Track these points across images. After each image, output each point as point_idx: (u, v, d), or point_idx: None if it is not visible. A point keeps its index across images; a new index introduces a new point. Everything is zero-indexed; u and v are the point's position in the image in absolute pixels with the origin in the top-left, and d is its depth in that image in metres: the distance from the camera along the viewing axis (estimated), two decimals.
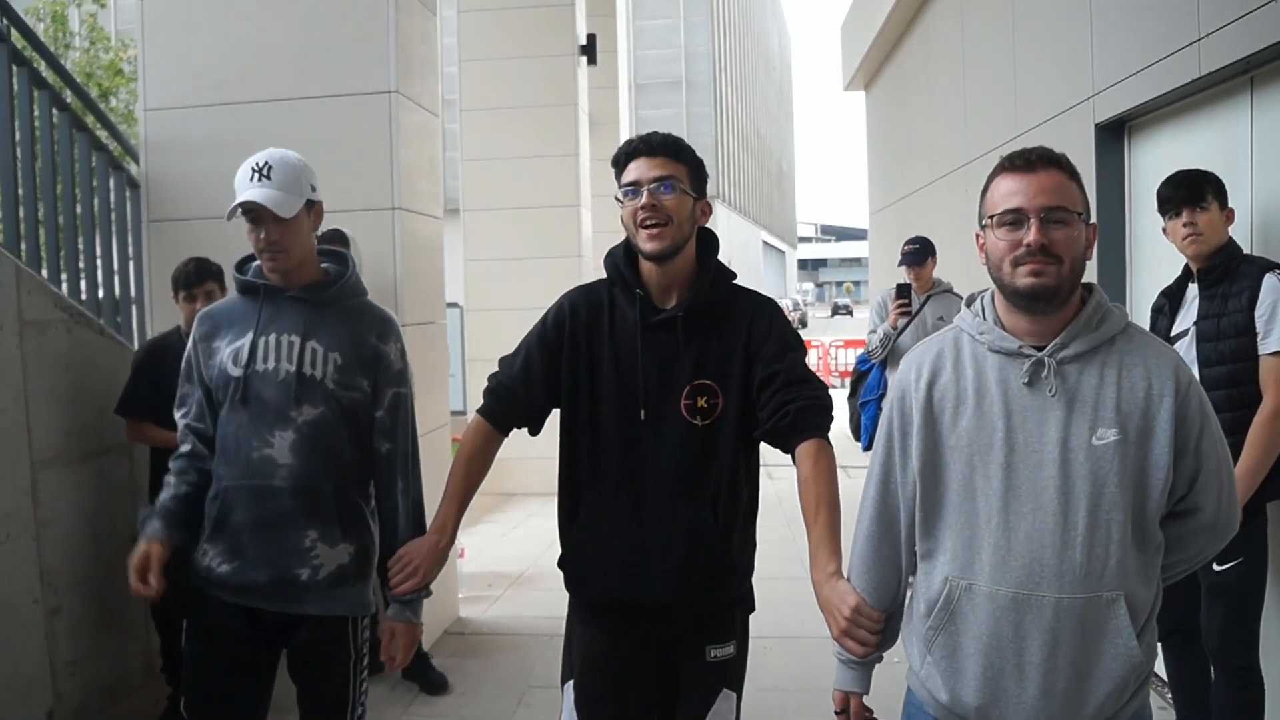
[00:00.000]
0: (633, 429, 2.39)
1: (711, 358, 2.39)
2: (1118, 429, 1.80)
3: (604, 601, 2.46)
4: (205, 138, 4.84)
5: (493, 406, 2.51)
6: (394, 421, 2.69)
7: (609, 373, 2.41)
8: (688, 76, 56.24)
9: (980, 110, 7.06)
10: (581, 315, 2.46)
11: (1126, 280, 4.75)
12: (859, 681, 2.09)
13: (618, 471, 2.41)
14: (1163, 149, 4.44)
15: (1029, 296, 1.84)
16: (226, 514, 2.58)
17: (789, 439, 2.30)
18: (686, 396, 2.37)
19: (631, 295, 2.41)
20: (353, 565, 2.64)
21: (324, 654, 2.67)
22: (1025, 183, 1.85)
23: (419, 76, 5.15)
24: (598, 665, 2.48)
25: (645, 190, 2.33)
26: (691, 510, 2.37)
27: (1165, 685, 3.93)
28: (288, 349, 2.58)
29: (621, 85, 12.85)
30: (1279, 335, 3.05)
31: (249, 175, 2.54)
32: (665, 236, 2.33)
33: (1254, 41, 3.40)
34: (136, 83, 5.61)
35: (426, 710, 4.43)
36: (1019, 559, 1.82)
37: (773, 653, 4.96)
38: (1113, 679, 1.81)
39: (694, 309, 2.39)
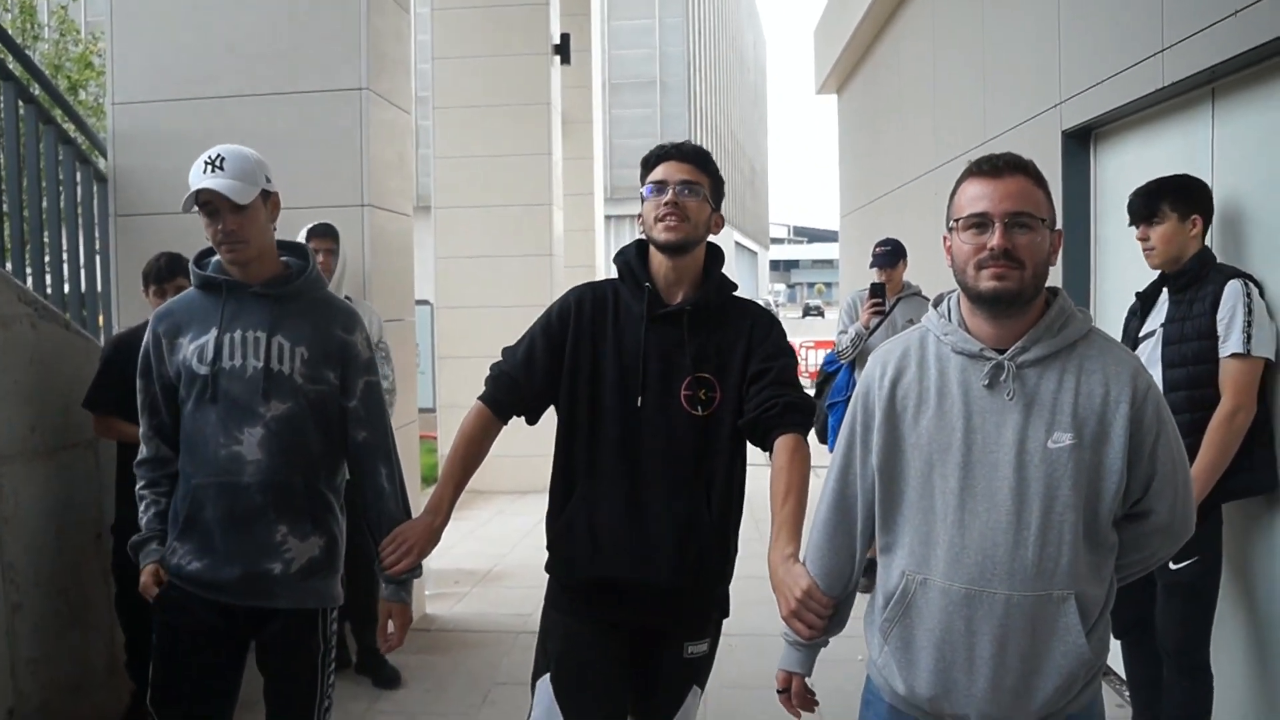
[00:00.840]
0: (633, 416, 2.45)
1: (712, 353, 2.47)
2: (1073, 433, 1.84)
3: (592, 582, 2.46)
4: (174, 132, 4.81)
5: (494, 393, 2.56)
6: (368, 410, 2.71)
7: (611, 362, 2.48)
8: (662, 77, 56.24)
9: (950, 116, 7.12)
10: (587, 308, 2.53)
11: (1091, 285, 4.81)
12: (803, 663, 2.17)
13: (615, 458, 2.45)
14: (1128, 156, 4.50)
15: (990, 300, 1.88)
16: (196, 511, 2.58)
17: (770, 431, 2.39)
18: (687, 387, 2.44)
19: (640, 289, 2.50)
20: (323, 557, 2.66)
21: (294, 646, 2.68)
22: (991, 188, 1.87)
23: (390, 73, 5.14)
24: (578, 653, 2.49)
25: (671, 188, 2.44)
26: (686, 500, 2.44)
27: (1124, 683, 3.99)
28: (254, 345, 2.58)
29: (595, 85, 12.84)
30: (1238, 338, 3.11)
31: (202, 167, 2.54)
32: (681, 230, 2.43)
33: (1216, 53, 3.46)
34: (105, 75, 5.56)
35: (391, 706, 4.43)
36: (972, 556, 1.86)
37: (737, 650, 4.97)
38: (1061, 674, 1.85)
39: (699, 305, 2.49)
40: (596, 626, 2.49)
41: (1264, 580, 3.38)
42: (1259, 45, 3.23)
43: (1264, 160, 3.44)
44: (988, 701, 1.87)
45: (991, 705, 1.87)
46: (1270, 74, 3.39)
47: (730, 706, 4.38)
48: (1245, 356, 3.12)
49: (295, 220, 4.79)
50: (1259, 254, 3.41)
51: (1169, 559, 2.09)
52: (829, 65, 12.14)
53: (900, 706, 2.01)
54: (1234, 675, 3.51)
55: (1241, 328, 3.11)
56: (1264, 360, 3.15)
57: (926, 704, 1.94)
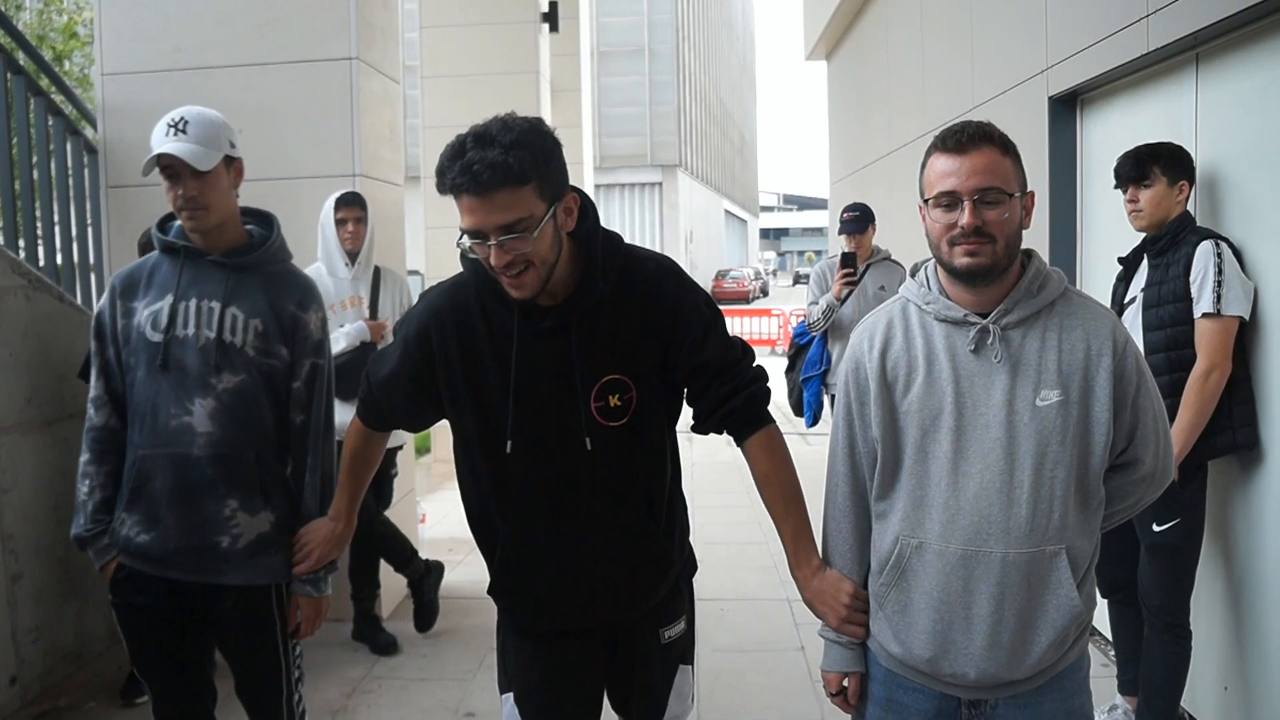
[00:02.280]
0: (539, 448, 2.11)
1: (615, 350, 2.11)
2: (1060, 390, 1.88)
3: (544, 630, 2.29)
4: (164, 103, 4.72)
5: (364, 414, 2.39)
6: (310, 394, 2.66)
7: (496, 388, 2.10)
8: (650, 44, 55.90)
9: (938, 82, 7.13)
10: (450, 328, 2.14)
11: (1077, 249, 4.85)
12: (859, 660, 2.13)
13: (535, 495, 2.15)
14: (1113, 121, 4.53)
15: (966, 275, 1.91)
16: (144, 482, 2.53)
17: (739, 431, 2.18)
18: (596, 399, 2.09)
19: (506, 303, 2.08)
20: (274, 533, 2.60)
21: (248, 624, 2.63)
22: (958, 164, 1.89)
23: (379, 43, 5.14)
24: (540, 680, 2.30)
25: (493, 247, 1.93)
26: (627, 520, 2.18)
27: (1109, 643, 4.07)
28: (208, 315, 2.53)
29: (583, 53, 12.77)
30: (1209, 298, 3.17)
31: (165, 131, 2.47)
32: (529, 283, 1.98)
33: (1199, 19, 3.49)
34: (92, 46, 5.53)
35: (389, 672, 4.49)
36: (967, 517, 1.90)
37: (729, 614, 5.06)
38: (1055, 629, 1.90)
39: (588, 306, 2.08)
40: (556, 653, 2.29)
41: (1242, 541, 3.44)
42: (1241, 10, 3.25)
43: (1246, 126, 3.47)
44: (986, 659, 1.91)
45: (989, 662, 1.91)
46: (1252, 40, 3.42)
47: (723, 669, 4.45)
48: (1216, 316, 3.17)
49: (287, 191, 4.81)
50: (1240, 219, 3.45)
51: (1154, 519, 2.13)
52: (818, 31, 12.10)
53: (896, 669, 2.04)
54: (1211, 634, 3.59)
55: (1212, 288, 3.16)
56: (1237, 319, 3.20)
57: (925, 665, 1.97)
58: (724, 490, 7.70)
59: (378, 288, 4.62)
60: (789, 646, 4.68)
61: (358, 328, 4.44)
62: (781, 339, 21.84)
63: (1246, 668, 3.45)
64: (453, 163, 1.92)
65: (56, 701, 3.95)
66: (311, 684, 4.31)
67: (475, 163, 1.88)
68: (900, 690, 2.04)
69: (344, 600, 4.74)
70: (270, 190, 4.82)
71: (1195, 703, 3.69)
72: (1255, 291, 3.26)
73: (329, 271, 4.50)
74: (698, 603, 2.53)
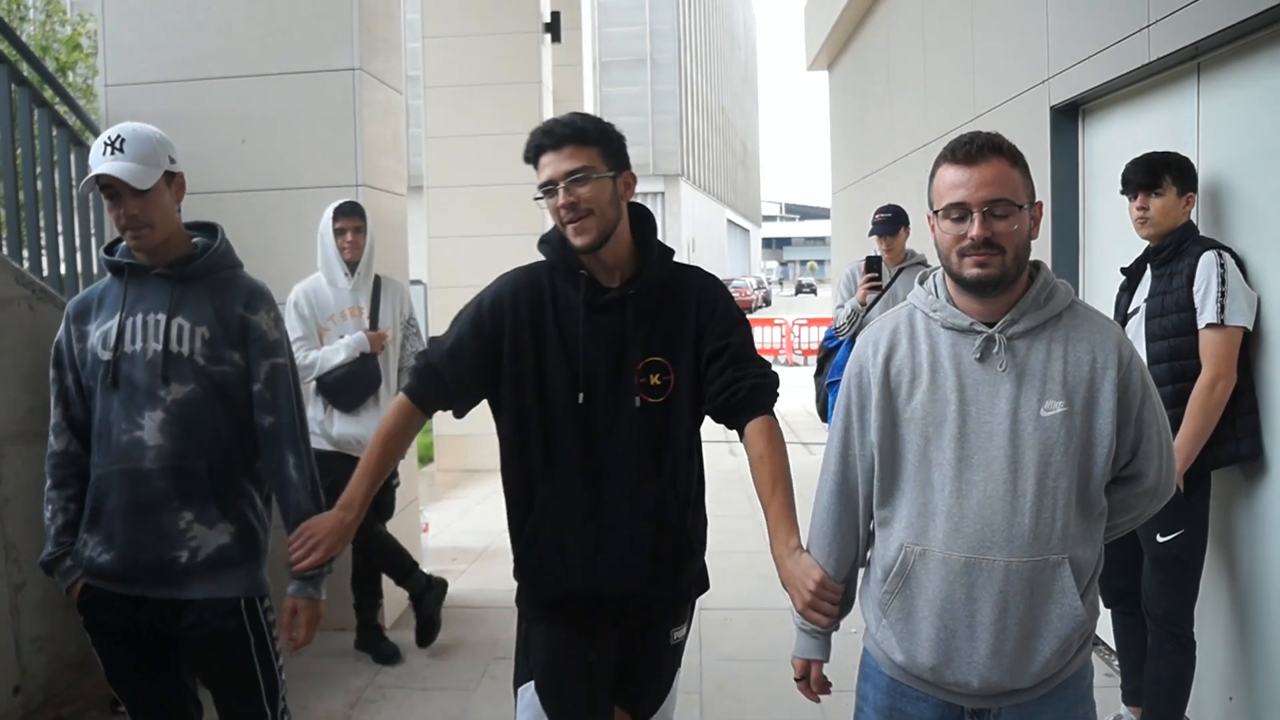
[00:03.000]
0: (585, 414, 2.33)
1: (660, 334, 2.36)
2: (1064, 401, 1.89)
3: (569, 597, 2.38)
4: (167, 114, 4.81)
5: (418, 388, 2.44)
6: (274, 394, 2.60)
7: (556, 358, 2.34)
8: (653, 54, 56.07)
9: (940, 92, 7.15)
10: (524, 301, 2.38)
11: (1079, 259, 4.86)
12: (821, 650, 2.18)
13: (574, 459, 2.34)
14: (1115, 131, 4.54)
15: (976, 286, 1.92)
16: (101, 501, 2.51)
17: (738, 416, 2.32)
18: (640, 375, 2.33)
19: (575, 277, 2.35)
20: (235, 545, 2.55)
21: (214, 637, 2.55)
22: (968, 175, 1.90)
23: (382, 53, 5.16)
24: (563, 662, 2.41)
25: (560, 188, 2.26)
26: (654, 491, 2.34)
27: (1112, 653, 4.06)
28: (154, 328, 2.50)
29: (586, 63, 12.81)
30: (1213, 309, 3.17)
31: (101, 150, 2.45)
32: (590, 229, 2.27)
33: (1201, 29, 3.49)
34: (95, 58, 5.55)
35: (392, 682, 4.49)
36: (971, 525, 1.90)
37: (733, 624, 5.05)
38: (1058, 637, 1.90)
39: (642, 289, 2.36)
40: (578, 633, 2.41)
41: (1246, 551, 3.44)
42: (1242, 20, 3.26)
43: (1248, 135, 3.48)
44: (989, 667, 1.91)
45: (993, 670, 1.91)
46: (1253, 49, 3.43)
47: (726, 679, 4.45)
48: (1220, 326, 3.17)
49: (290, 201, 4.84)
50: (1243, 228, 3.45)
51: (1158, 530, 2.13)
52: (820, 41, 12.14)
53: (899, 678, 2.05)
54: (1215, 644, 3.58)
55: (1216, 298, 3.16)
56: (1240, 329, 3.20)
57: (928, 673, 1.97)
58: (726, 499, 7.67)
59: (378, 297, 4.61)
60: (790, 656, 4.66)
61: (357, 338, 4.42)
62: (784, 349, 21.82)
63: (1251, 678, 3.44)
64: (534, 133, 2.32)
65: (59, 711, 3.95)
66: (314, 694, 4.31)
67: (554, 125, 2.30)
68: (903, 699, 2.05)
69: (346, 610, 4.74)
70: (273, 200, 4.86)
71: (1200, 713, 3.68)
72: (1259, 301, 3.26)
73: (329, 282, 4.50)
74: (701, 612, 2.56)
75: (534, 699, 2.42)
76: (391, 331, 4.59)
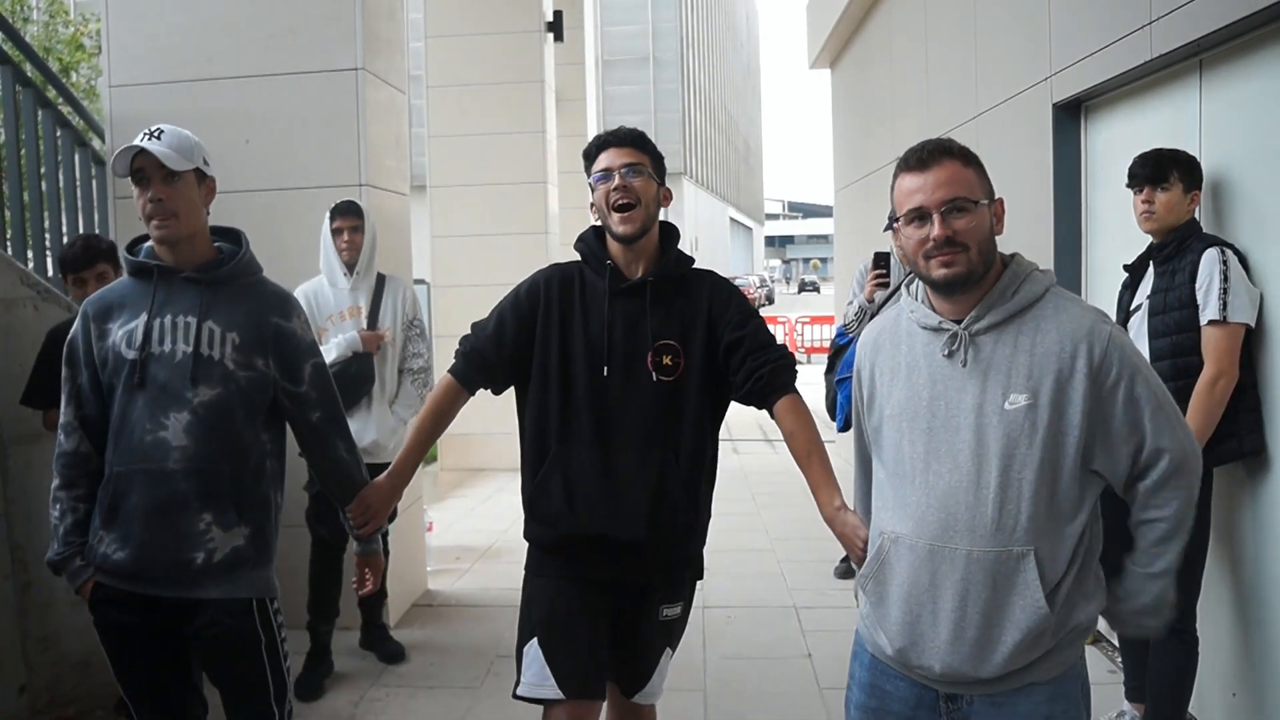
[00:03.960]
0: (601, 385, 2.59)
1: (674, 321, 2.62)
2: (1028, 394, 1.93)
3: (571, 539, 2.59)
4: (171, 114, 4.79)
5: (465, 368, 2.70)
6: (319, 391, 2.72)
7: (579, 334, 2.62)
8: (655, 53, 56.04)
9: (942, 89, 7.14)
10: (555, 285, 2.68)
11: (1082, 254, 4.86)
12: None
13: (588, 424, 2.59)
14: (1117, 128, 4.54)
15: (945, 286, 2.02)
16: (120, 500, 2.51)
17: (767, 398, 2.57)
18: (653, 354, 2.59)
19: (601, 268, 2.65)
20: (249, 548, 2.58)
21: (227, 636, 2.57)
22: (922, 180, 1.99)
23: (385, 53, 5.17)
24: (562, 613, 2.61)
25: (616, 174, 2.58)
26: (657, 456, 2.58)
27: (1116, 650, 4.06)
28: (184, 330, 2.53)
29: (588, 62, 12.83)
30: (1215, 306, 3.18)
31: (139, 136, 2.50)
32: (636, 219, 2.58)
33: (1202, 26, 3.49)
34: (98, 58, 5.56)
35: (396, 680, 4.50)
36: (935, 514, 1.98)
37: (736, 622, 5.06)
38: (1020, 630, 1.93)
39: (660, 278, 2.64)
40: (578, 585, 2.62)
41: (1249, 548, 3.44)
42: (1244, 17, 3.26)
43: (1251, 132, 3.48)
44: (950, 653, 1.97)
45: (954, 657, 1.97)
46: (1255, 46, 3.43)
47: (729, 676, 4.45)
48: (1223, 323, 3.18)
49: (294, 201, 4.85)
50: (1245, 225, 3.46)
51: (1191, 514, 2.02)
52: (822, 40, 12.13)
53: (880, 657, 2.14)
54: (1218, 639, 3.58)
55: (1218, 294, 3.17)
56: (1243, 326, 3.21)
57: (896, 655, 2.06)
58: (730, 498, 7.69)
59: (379, 296, 4.60)
60: (795, 654, 4.68)
61: (349, 338, 4.42)
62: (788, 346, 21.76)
63: (1254, 673, 3.44)
64: (601, 133, 2.67)
65: (65, 710, 3.96)
66: None
67: (619, 129, 2.70)
68: (884, 677, 2.14)
69: (351, 608, 4.76)
70: (277, 200, 4.87)
71: (1203, 709, 3.69)
72: (1261, 298, 3.26)
73: (329, 283, 4.51)
74: (705, 609, 2.62)
75: (538, 654, 2.60)
76: (390, 332, 4.57)
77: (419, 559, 5.71)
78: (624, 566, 2.61)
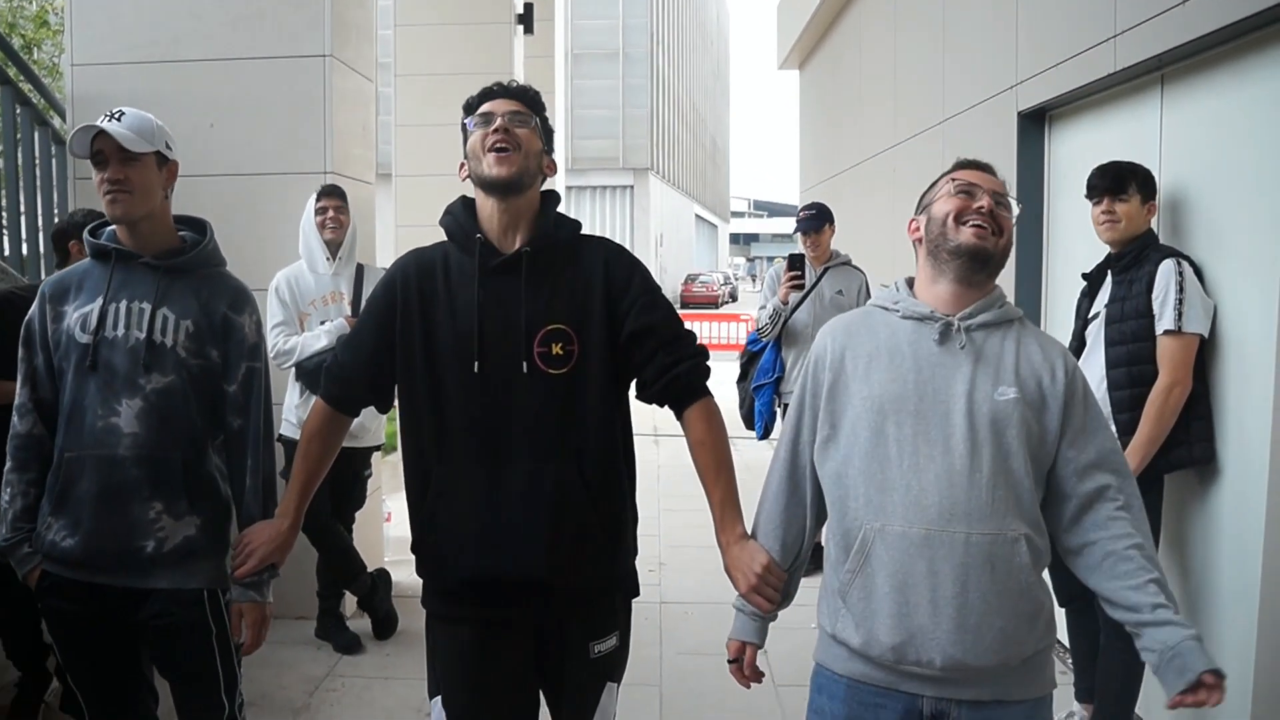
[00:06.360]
0: (477, 385, 2.21)
1: (563, 301, 2.24)
2: (1017, 389, 1.98)
3: (466, 583, 2.26)
4: (135, 95, 4.76)
5: (329, 388, 2.44)
6: (247, 397, 2.62)
7: (445, 328, 2.24)
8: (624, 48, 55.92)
9: (909, 95, 7.20)
10: (412, 275, 2.31)
11: (1043, 262, 4.92)
12: (758, 633, 2.25)
13: (467, 433, 2.22)
14: (1081, 138, 4.60)
15: (968, 254, 2.03)
16: (70, 485, 2.47)
17: (681, 400, 2.29)
18: (540, 344, 2.21)
19: (470, 242, 2.27)
20: (201, 537, 2.54)
21: (176, 627, 2.54)
22: (982, 176, 2.09)
23: (354, 41, 5.13)
24: (467, 670, 2.30)
25: (499, 117, 2.23)
26: (554, 470, 2.20)
27: (1066, 651, 4.12)
28: (138, 316, 2.50)
29: (558, 55, 12.77)
30: (1171, 316, 3.25)
31: (100, 117, 2.45)
32: (513, 162, 2.22)
33: (1164, 41, 3.56)
34: (62, 35, 5.49)
35: (351, 670, 4.48)
36: (931, 498, 1.94)
37: (693, 618, 5.08)
38: (1017, 614, 1.94)
39: (539, 248, 2.26)
40: (483, 634, 2.28)
41: (1198, 552, 3.51)
42: (1205, 35, 3.33)
43: (1208, 146, 3.55)
44: (952, 643, 1.92)
45: (956, 646, 1.92)
46: (1215, 63, 3.49)
47: (687, 671, 4.47)
48: (1178, 333, 3.25)
49: (259, 187, 4.80)
50: (1202, 237, 3.52)
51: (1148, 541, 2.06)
52: (791, 41, 12.19)
53: (858, 676, 2.04)
54: None
55: (1174, 305, 3.24)
56: (1197, 336, 3.28)
57: (890, 653, 1.97)
58: (688, 494, 7.68)
59: (360, 284, 4.60)
60: None
61: (338, 324, 4.40)
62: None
63: None
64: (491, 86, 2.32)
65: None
66: (274, 682, 4.30)
67: (511, 82, 2.34)
68: (863, 707, 2.04)
69: (308, 597, 4.73)
70: (242, 186, 4.82)
71: (1149, 709, 3.75)
72: (1215, 310, 3.33)
73: (310, 268, 4.50)
74: (663, 605, 2.54)
75: (443, 715, 2.32)
76: None
77: (376, 548, 5.68)
78: (530, 608, 2.26)
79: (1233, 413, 3.33)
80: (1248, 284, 3.27)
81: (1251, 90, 3.32)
